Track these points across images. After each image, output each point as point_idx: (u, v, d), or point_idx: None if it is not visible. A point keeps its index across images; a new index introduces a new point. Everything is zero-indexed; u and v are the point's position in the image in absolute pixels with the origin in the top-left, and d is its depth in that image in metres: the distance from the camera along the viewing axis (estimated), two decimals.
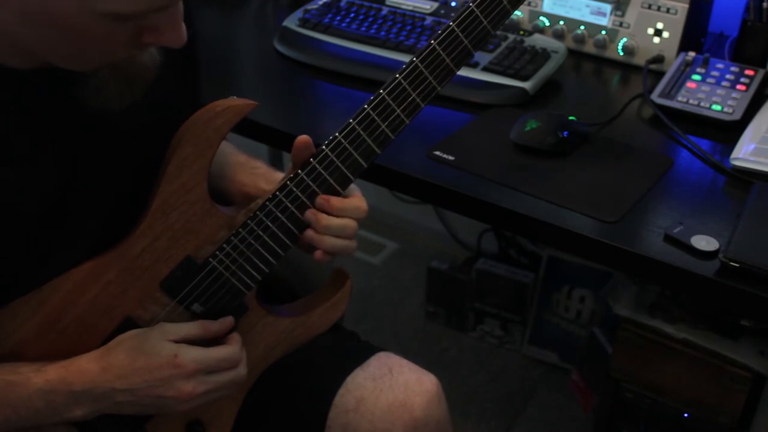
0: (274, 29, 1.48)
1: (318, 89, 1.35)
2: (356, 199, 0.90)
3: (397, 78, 0.87)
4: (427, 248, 2.28)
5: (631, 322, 1.44)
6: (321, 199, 0.88)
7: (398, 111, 0.87)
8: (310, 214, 0.88)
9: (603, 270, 1.77)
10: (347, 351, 1.07)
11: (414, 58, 0.87)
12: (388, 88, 0.87)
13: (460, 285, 2.00)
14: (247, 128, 1.22)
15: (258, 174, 0.99)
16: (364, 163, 0.88)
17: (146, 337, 0.85)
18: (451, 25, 0.87)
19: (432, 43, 0.87)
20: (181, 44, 0.75)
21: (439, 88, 0.89)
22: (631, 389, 1.48)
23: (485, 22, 0.87)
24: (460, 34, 0.87)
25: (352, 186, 0.91)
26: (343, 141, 0.87)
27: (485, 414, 1.83)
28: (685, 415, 1.44)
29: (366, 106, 0.87)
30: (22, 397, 0.82)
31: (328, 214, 0.88)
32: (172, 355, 0.84)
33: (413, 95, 0.87)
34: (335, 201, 0.88)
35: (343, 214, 0.89)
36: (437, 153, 1.13)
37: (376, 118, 0.87)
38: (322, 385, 1.02)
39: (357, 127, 0.87)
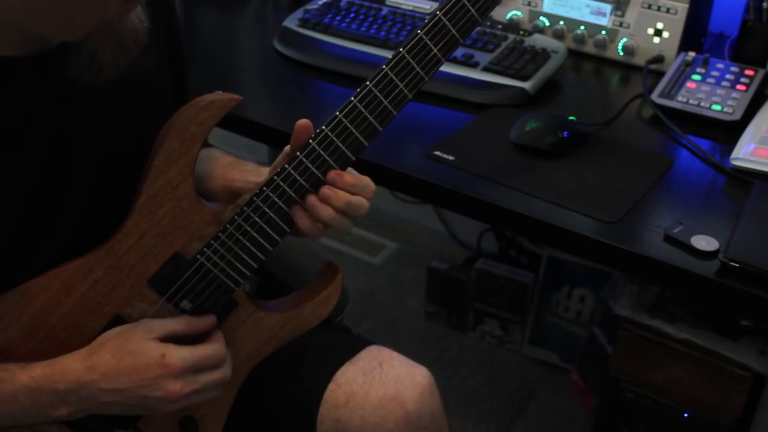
0: (274, 29, 1.48)
1: (318, 89, 1.35)
2: (366, 177, 0.88)
3: (383, 69, 0.85)
4: (427, 248, 2.28)
5: (631, 322, 1.44)
6: (334, 173, 0.86)
7: (385, 103, 0.86)
8: (328, 190, 0.86)
9: (603, 270, 1.77)
10: (337, 345, 1.06)
11: (401, 49, 0.85)
12: (375, 80, 0.85)
13: (460, 285, 2.00)
14: (248, 128, 1.22)
15: (247, 170, 0.99)
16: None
17: (131, 335, 0.85)
18: (438, 14, 0.86)
19: (419, 33, 0.85)
20: None
21: (426, 79, 0.87)
22: (631, 389, 1.48)
23: (473, 11, 0.86)
24: (447, 23, 0.86)
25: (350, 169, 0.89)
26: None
27: (485, 414, 1.83)
28: (685, 415, 1.44)
29: (352, 98, 0.86)
30: (7, 394, 0.82)
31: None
32: (160, 354, 0.83)
33: (400, 86, 0.86)
34: (349, 177, 0.86)
35: (355, 191, 0.87)
36: (437, 153, 1.13)
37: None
38: (311, 381, 1.02)
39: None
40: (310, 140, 0.86)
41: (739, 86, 1.25)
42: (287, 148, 0.90)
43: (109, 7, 0.74)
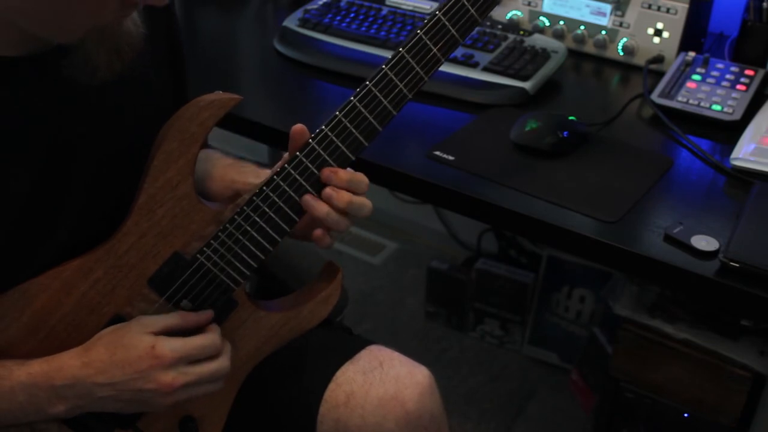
0: (274, 29, 1.48)
1: (318, 89, 1.35)
2: (359, 173, 0.89)
3: (383, 69, 0.86)
4: (427, 248, 2.28)
5: (631, 322, 1.44)
6: (328, 171, 0.86)
7: (385, 102, 0.86)
8: (330, 190, 0.86)
9: (603, 270, 1.77)
10: (337, 345, 1.06)
11: (400, 49, 0.86)
12: (375, 80, 0.86)
13: (460, 285, 2.00)
14: (248, 128, 1.22)
15: (247, 171, 0.99)
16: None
17: (125, 330, 0.85)
18: (437, 14, 0.86)
19: (418, 33, 0.86)
20: (164, 3, 0.75)
21: (426, 79, 0.87)
22: (631, 389, 1.48)
23: (472, 10, 0.86)
24: (446, 23, 0.86)
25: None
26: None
27: (485, 414, 1.83)
28: (685, 415, 1.44)
29: (352, 98, 0.86)
30: (4, 390, 0.82)
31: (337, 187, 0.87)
32: (150, 346, 0.83)
33: (400, 86, 0.86)
34: (343, 173, 0.86)
35: (350, 187, 0.87)
36: (437, 153, 1.13)
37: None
38: (311, 380, 1.02)
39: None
40: (310, 140, 0.86)
41: (739, 86, 1.25)
42: (287, 155, 0.90)
43: (107, 10, 0.75)
